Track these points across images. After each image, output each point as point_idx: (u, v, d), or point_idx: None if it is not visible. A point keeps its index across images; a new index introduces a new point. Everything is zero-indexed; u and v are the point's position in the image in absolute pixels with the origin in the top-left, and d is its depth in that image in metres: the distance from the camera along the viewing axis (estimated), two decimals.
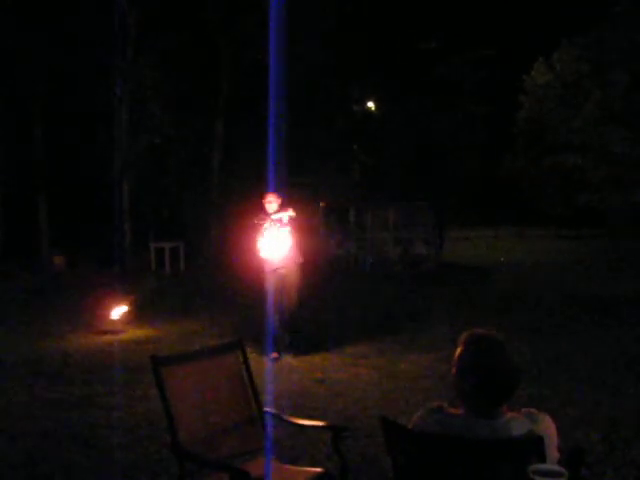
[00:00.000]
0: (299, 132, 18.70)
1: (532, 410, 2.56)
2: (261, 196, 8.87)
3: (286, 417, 3.83)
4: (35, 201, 19.75)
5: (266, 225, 8.59)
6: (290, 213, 8.64)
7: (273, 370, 7.64)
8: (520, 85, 25.26)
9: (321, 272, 15.46)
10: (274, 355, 8.33)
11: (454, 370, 2.57)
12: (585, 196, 23.25)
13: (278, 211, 8.64)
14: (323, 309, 11.85)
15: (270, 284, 8.52)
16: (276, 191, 8.79)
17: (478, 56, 21.76)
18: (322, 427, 3.81)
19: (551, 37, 24.13)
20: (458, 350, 2.57)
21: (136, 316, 10.98)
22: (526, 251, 25.71)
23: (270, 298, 8.44)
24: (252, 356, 3.93)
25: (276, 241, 8.56)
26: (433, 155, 21.62)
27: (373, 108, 23.70)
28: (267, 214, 8.63)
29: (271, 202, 8.68)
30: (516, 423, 2.49)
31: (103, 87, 17.53)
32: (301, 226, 8.97)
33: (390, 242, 19.74)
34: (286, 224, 8.62)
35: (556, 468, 2.20)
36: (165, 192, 19.94)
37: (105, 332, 10.04)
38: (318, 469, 3.70)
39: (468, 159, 22.20)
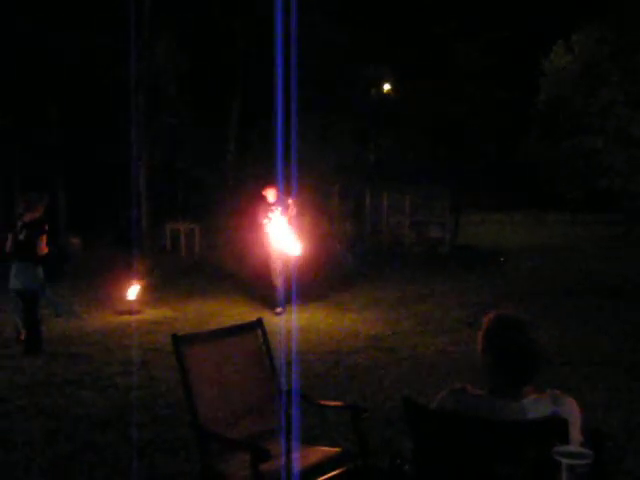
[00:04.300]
0: (314, 115, 18.62)
1: (556, 392, 2.54)
2: (271, 183, 10.19)
3: (307, 396, 3.83)
4: (52, 183, 19.82)
5: (271, 216, 9.91)
6: (288, 202, 9.98)
7: (290, 352, 7.66)
8: (539, 68, 25.00)
9: (336, 255, 15.46)
10: (278, 310, 9.79)
11: (478, 349, 2.56)
12: (604, 180, 23.00)
13: (277, 202, 9.93)
14: (338, 289, 11.99)
15: (277, 259, 10.01)
16: (275, 184, 10.12)
17: (493, 38, 21.50)
18: (342, 407, 3.82)
19: (570, 19, 23.85)
20: (482, 330, 2.56)
21: (153, 297, 11.05)
22: (542, 235, 25.59)
23: (276, 267, 10.03)
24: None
25: (280, 231, 9.93)
26: (450, 138, 21.48)
27: (390, 91, 23.55)
28: (268, 205, 9.97)
29: (270, 193, 10.05)
30: (539, 404, 2.47)
31: (119, 68, 17.50)
32: (316, 209, 9.27)
33: (405, 225, 19.68)
34: (286, 214, 9.91)
35: (582, 450, 2.18)
36: (181, 174, 19.96)
37: (122, 312, 10.09)
38: (337, 449, 3.70)
39: (485, 142, 22.05)
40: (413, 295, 11.72)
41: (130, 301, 10.28)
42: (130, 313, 10.03)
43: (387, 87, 23.44)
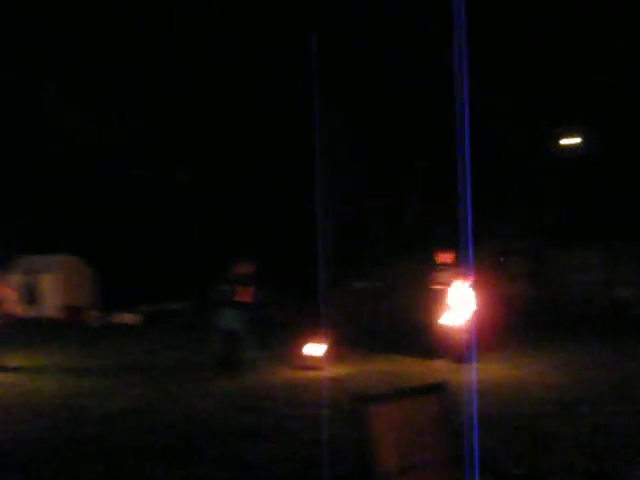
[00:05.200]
0: (489, 173, 18.40)
1: None
2: (446, 248, 10.74)
3: (489, 463, 3.78)
4: (236, 238, 20.95)
5: (443, 280, 10.61)
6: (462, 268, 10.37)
7: (472, 415, 7.52)
8: None
9: (515, 315, 15.10)
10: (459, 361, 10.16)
11: None
12: None
13: (451, 267, 10.61)
14: (521, 350, 11.70)
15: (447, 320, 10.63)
16: (450, 249, 10.57)
17: None
18: (527, 477, 3.73)
19: None
20: None
21: (336, 354, 11.25)
22: None
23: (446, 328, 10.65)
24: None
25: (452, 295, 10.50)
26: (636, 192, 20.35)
27: (573, 143, 22.74)
28: (441, 268, 10.70)
29: (444, 257, 10.74)
30: None
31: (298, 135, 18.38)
32: (495, 269, 9.33)
33: (590, 284, 18.76)
34: (459, 279, 10.39)
35: None
36: (363, 233, 20.38)
37: (305, 368, 10.40)
38: None
39: None
40: (602, 359, 11.09)
41: (313, 357, 10.57)
42: (312, 369, 10.31)
43: (567, 141, 22.64)
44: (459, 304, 10.32)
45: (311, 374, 10.11)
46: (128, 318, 19.55)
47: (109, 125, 22.24)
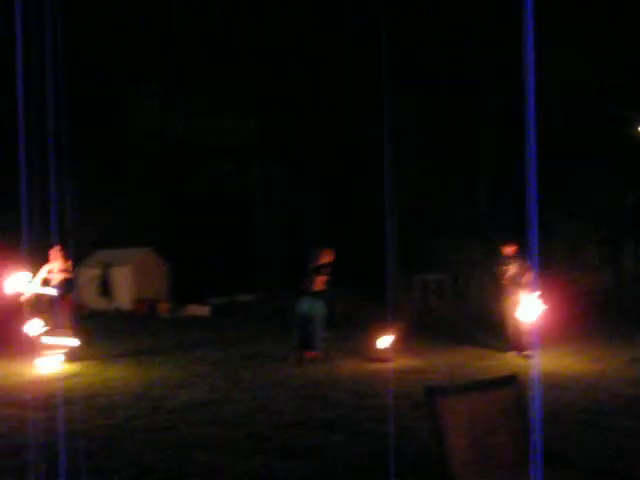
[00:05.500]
0: (562, 161, 17.94)
1: None
2: (510, 240, 10.56)
3: (560, 458, 3.68)
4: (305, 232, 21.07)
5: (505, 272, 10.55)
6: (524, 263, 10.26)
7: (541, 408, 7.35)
8: None
9: (591, 307, 14.72)
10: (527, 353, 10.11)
11: None
12: None
13: (513, 259, 10.46)
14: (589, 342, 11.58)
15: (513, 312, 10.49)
16: (513, 242, 10.48)
17: None
18: (607, 473, 3.61)
19: None
20: None
21: (404, 346, 11.17)
22: None
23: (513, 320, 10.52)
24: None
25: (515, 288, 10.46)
26: None
27: None
28: (504, 259, 10.61)
29: (507, 249, 10.58)
30: None
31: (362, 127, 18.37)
32: (569, 258, 9.08)
33: None
34: (519, 274, 10.33)
35: None
36: (428, 225, 20.20)
37: (373, 360, 10.37)
38: None
39: None
40: None
41: (381, 349, 10.52)
42: (381, 361, 10.27)
43: None
44: (529, 297, 10.09)
45: (379, 366, 10.07)
46: (198, 310, 19.87)
47: (198, 123, 22.71)
